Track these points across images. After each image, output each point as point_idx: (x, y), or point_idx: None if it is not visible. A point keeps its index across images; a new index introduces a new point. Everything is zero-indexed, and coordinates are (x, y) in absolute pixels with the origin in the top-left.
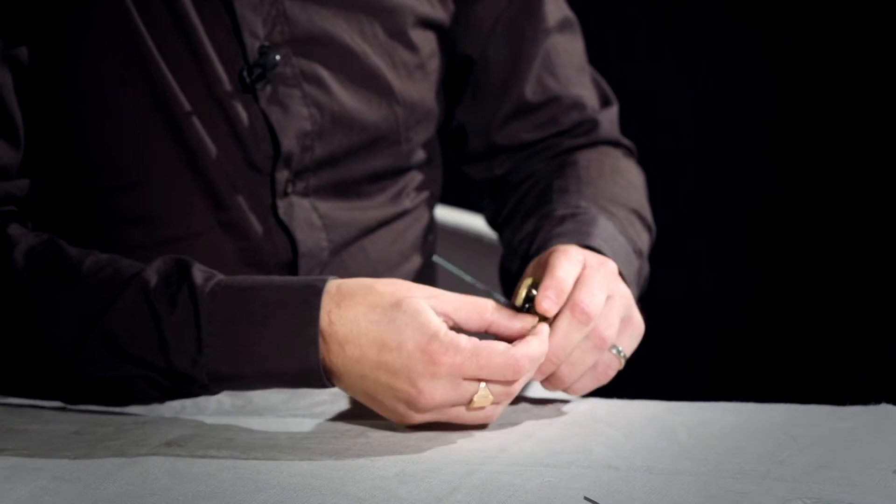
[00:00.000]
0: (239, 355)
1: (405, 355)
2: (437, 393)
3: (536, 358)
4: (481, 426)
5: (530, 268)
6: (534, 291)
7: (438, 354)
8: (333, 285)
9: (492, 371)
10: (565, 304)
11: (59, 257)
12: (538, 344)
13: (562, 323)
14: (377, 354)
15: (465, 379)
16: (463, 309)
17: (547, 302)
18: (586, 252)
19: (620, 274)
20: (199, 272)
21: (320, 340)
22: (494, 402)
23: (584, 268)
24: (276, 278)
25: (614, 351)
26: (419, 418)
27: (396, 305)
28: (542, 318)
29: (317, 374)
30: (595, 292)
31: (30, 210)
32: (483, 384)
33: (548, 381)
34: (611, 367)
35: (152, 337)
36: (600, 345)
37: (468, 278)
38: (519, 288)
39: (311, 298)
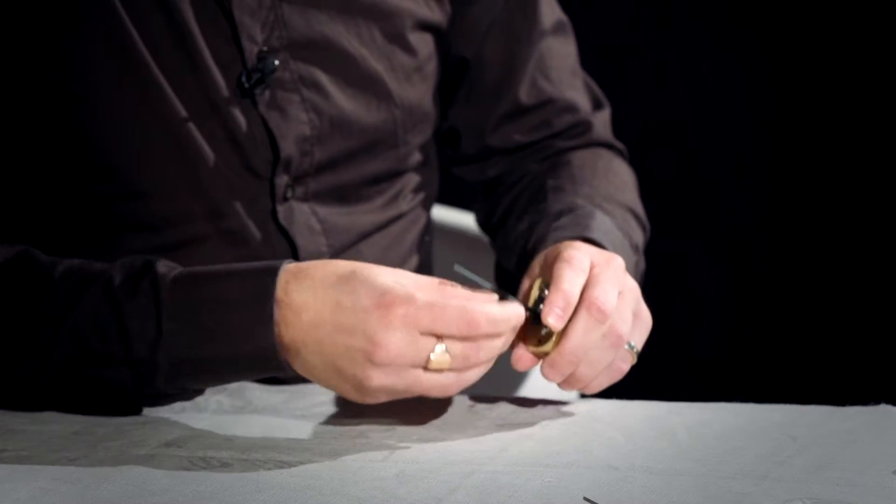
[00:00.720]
0: (197, 338)
1: (360, 310)
2: (392, 344)
3: (495, 319)
4: (445, 400)
5: (537, 265)
6: (546, 291)
7: (393, 305)
8: (293, 264)
9: (447, 323)
10: (581, 303)
11: (31, 268)
12: (500, 308)
13: (579, 323)
14: (332, 315)
15: (422, 333)
16: (423, 286)
17: (553, 317)
18: (591, 250)
19: None
20: (163, 265)
21: (277, 311)
22: (454, 370)
23: (593, 266)
24: (239, 264)
25: (627, 346)
26: (376, 381)
27: (353, 272)
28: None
29: (272, 352)
30: (608, 289)
31: (13, 221)
32: (441, 345)
33: (566, 383)
34: (625, 362)
35: (113, 328)
36: (617, 343)
37: (489, 286)
38: (530, 288)
39: (268, 277)
